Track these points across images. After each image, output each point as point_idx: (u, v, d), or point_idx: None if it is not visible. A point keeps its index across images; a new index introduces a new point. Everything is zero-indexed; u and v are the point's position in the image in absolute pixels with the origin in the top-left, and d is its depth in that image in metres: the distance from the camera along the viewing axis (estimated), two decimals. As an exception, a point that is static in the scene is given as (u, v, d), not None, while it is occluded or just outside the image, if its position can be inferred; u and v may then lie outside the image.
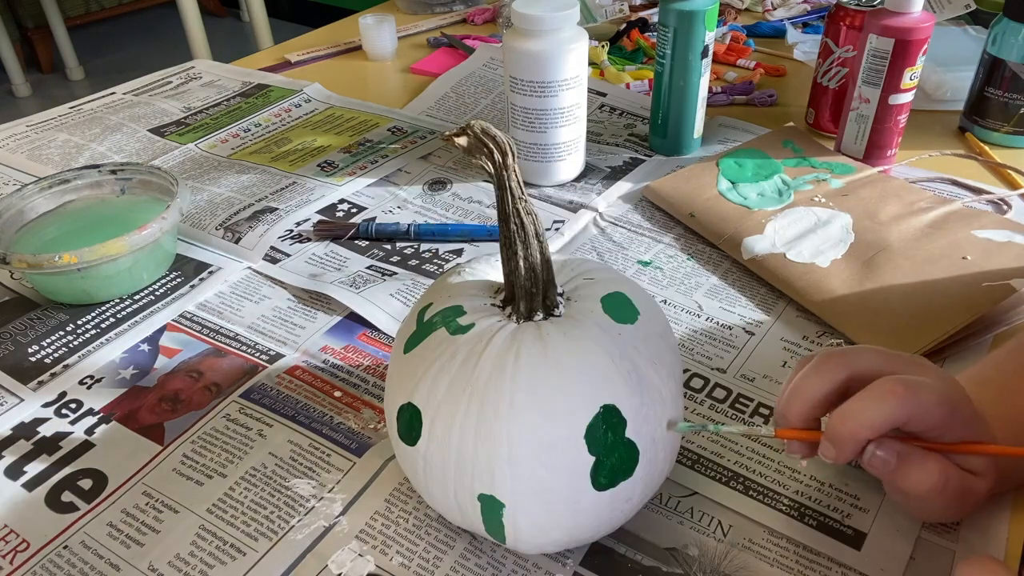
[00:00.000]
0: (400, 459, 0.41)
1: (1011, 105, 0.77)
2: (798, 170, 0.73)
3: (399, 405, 0.39)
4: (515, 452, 0.35)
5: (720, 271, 0.63)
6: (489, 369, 0.36)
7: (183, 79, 1.01)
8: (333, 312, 0.60)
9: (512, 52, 0.68)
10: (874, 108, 0.72)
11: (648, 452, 0.37)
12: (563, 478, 0.36)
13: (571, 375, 0.36)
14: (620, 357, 0.37)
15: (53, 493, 0.46)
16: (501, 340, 0.37)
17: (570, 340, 0.37)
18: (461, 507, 0.38)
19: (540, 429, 0.35)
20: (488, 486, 0.36)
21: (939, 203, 0.67)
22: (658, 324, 0.40)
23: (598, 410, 0.36)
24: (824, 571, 0.41)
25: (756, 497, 0.45)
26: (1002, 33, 0.75)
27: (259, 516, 0.45)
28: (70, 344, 0.58)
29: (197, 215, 0.72)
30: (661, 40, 0.75)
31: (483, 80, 0.96)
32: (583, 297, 0.40)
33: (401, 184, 0.77)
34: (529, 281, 0.38)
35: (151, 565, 0.42)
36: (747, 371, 0.54)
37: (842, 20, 0.76)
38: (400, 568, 0.42)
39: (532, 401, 0.35)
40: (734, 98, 0.91)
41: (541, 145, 0.72)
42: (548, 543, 0.39)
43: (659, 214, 0.71)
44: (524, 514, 0.37)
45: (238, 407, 0.52)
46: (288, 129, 0.87)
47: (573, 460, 0.36)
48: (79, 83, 2.89)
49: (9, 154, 0.83)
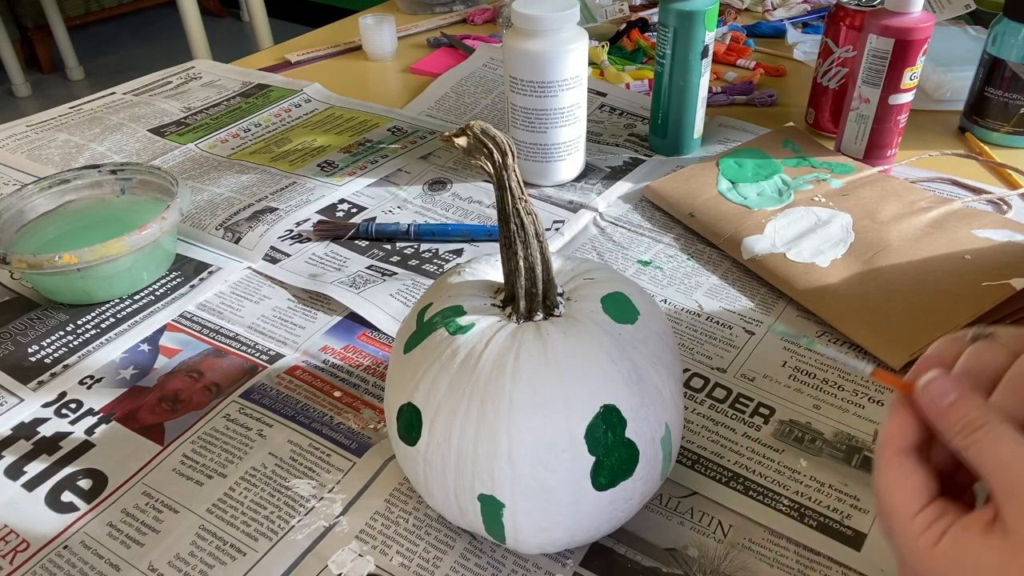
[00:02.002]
0: (400, 459, 0.41)
1: (1011, 105, 0.77)
2: (798, 170, 0.73)
3: (399, 405, 0.39)
4: (515, 452, 0.35)
5: (720, 271, 0.63)
6: (489, 369, 0.36)
7: (183, 79, 1.01)
8: (333, 312, 0.60)
9: (512, 52, 0.68)
10: (874, 108, 0.72)
11: (648, 452, 0.37)
12: (563, 478, 0.36)
13: (571, 375, 0.36)
14: (620, 357, 0.37)
15: (53, 493, 0.46)
16: (501, 340, 0.37)
17: (570, 340, 0.37)
18: (461, 507, 0.38)
19: (540, 429, 0.35)
20: (488, 486, 0.36)
21: (939, 203, 0.67)
22: (658, 324, 0.40)
23: (598, 410, 0.36)
24: (824, 571, 0.41)
25: (756, 497, 0.45)
26: (1002, 33, 0.75)
27: (259, 516, 0.45)
28: (70, 344, 0.58)
29: (197, 215, 0.72)
30: (661, 40, 0.75)
31: (483, 80, 0.96)
32: (583, 297, 0.40)
33: (401, 184, 0.77)
34: (529, 281, 0.38)
35: (151, 565, 0.42)
36: (747, 371, 0.54)
37: (842, 20, 0.76)
38: (400, 568, 0.42)
39: (532, 401, 0.35)
40: (734, 98, 0.91)
41: (541, 145, 0.72)
42: (548, 543, 0.39)
43: (659, 214, 0.71)
44: (524, 514, 0.37)
45: (238, 407, 0.52)
46: (288, 129, 0.87)
47: (573, 460, 0.36)
48: (79, 83, 2.89)
49: (9, 154, 0.83)
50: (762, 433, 0.49)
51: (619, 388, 0.36)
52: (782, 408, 0.51)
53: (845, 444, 0.48)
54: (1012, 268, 0.58)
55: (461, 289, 0.41)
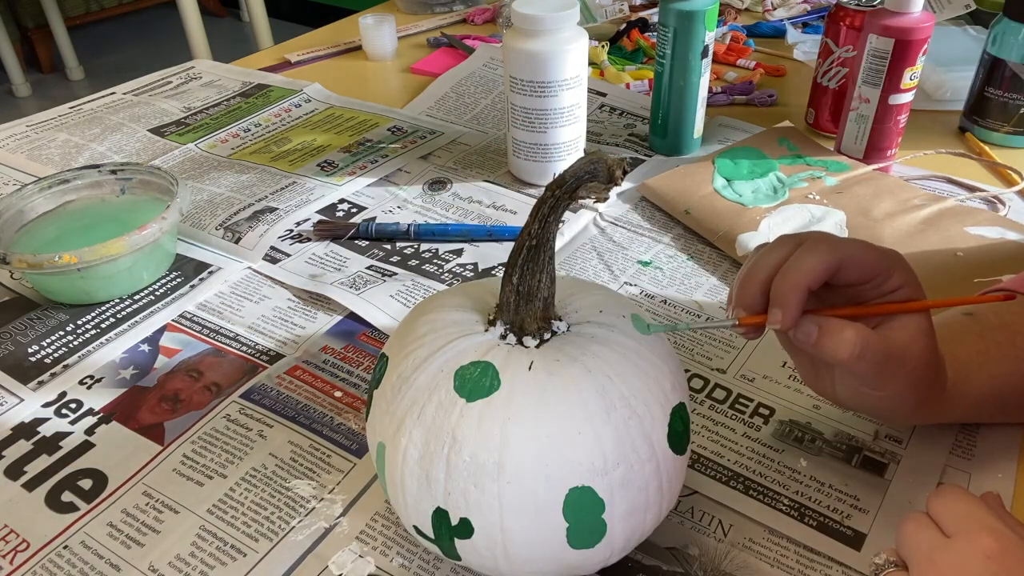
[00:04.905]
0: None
1: (1011, 105, 0.77)
2: (793, 168, 0.73)
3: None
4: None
5: (720, 271, 0.63)
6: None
7: (183, 79, 1.01)
8: (333, 312, 0.60)
9: (512, 52, 0.68)
10: (874, 108, 0.72)
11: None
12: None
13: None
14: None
15: (53, 493, 0.46)
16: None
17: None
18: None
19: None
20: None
21: (933, 200, 0.67)
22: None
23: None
24: (824, 571, 0.41)
25: (756, 497, 0.45)
26: (1002, 33, 0.75)
27: (259, 517, 0.45)
28: (70, 344, 0.58)
29: (197, 215, 0.72)
30: (661, 40, 0.75)
31: (483, 80, 0.96)
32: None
33: (401, 184, 0.77)
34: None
35: (151, 565, 0.42)
36: (747, 371, 0.54)
37: (842, 20, 0.76)
38: (400, 569, 0.42)
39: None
40: (734, 98, 0.91)
41: (541, 145, 0.72)
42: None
43: (659, 214, 0.71)
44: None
45: (238, 407, 0.52)
46: (288, 129, 0.87)
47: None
48: (79, 83, 2.89)
49: (9, 154, 0.83)
50: (762, 433, 0.49)
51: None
52: (782, 408, 0.51)
53: (845, 444, 0.48)
54: (1004, 265, 0.58)
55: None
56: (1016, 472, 0.46)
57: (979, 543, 0.32)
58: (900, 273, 0.39)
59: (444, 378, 0.36)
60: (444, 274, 0.64)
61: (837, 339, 0.38)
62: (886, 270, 0.39)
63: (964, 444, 0.48)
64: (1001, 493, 0.44)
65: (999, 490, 0.44)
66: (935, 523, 0.35)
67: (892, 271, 0.39)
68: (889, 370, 0.39)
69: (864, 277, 0.39)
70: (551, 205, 0.36)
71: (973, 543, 0.33)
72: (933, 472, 0.46)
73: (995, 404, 0.46)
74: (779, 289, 0.38)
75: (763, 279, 0.39)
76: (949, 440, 0.48)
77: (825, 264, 0.38)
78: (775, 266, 0.39)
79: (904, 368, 0.40)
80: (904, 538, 0.35)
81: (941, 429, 0.48)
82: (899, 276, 0.39)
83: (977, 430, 0.48)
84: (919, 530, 0.35)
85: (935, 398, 0.43)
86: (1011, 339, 0.45)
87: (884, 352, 0.39)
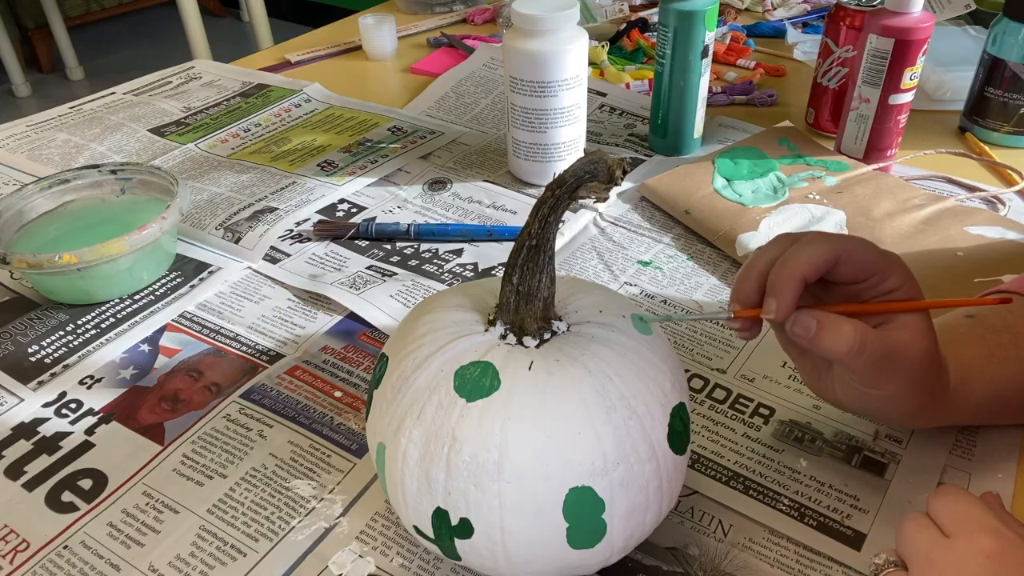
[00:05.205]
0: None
1: (1011, 105, 0.77)
2: (793, 167, 0.73)
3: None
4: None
5: (720, 271, 0.63)
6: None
7: (183, 79, 1.01)
8: (333, 312, 0.60)
9: (512, 52, 0.68)
10: (874, 108, 0.72)
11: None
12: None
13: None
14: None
15: (53, 493, 0.46)
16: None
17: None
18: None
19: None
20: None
21: (933, 200, 0.67)
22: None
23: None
24: (824, 571, 0.41)
25: (756, 497, 0.45)
26: (1002, 33, 0.75)
27: (259, 517, 0.45)
28: (70, 344, 0.58)
29: (197, 215, 0.72)
30: (661, 40, 0.75)
31: (483, 80, 0.96)
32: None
33: (401, 184, 0.77)
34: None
35: (151, 565, 0.42)
36: (747, 371, 0.54)
37: (842, 20, 0.76)
38: (400, 569, 0.42)
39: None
40: (734, 98, 0.91)
41: (541, 145, 0.72)
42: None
43: (659, 214, 0.71)
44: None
45: (238, 407, 0.52)
46: (288, 129, 0.87)
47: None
48: (79, 83, 2.89)
49: (9, 154, 0.83)
50: (762, 433, 0.49)
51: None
52: (782, 408, 0.51)
53: (845, 444, 0.48)
54: (1004, 265, 0.58)
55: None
56: (1016, 472, 0.46)
57: (979, 543, 0.33)
58: (898, 274, 0.39)
59: (444, 378, 0.36)
60: (444, 274, 0.64)
61: (836, 334, 0.38)
62: (884, 269, 0.39)
63: (964, 444, 0.48)
64: (1001, 493, 0.44)
65: (999, 490, 0.44)
66: (935, 523, 0.35)
67: (890, 271, 0.39)
68: (889, 369, 0.39)
69: (862, 274, 0.39)
70: (551, 205, 0.36)
71: (973, 543, 0.33)
72: (933, 472, 0.46)
73: (998, 407, 0.46)
74: (775, 279, 0.39)
75: (760, 273, 0.40)
76: (949, 440, 0.48)
77: (823, 256, 0.38)
78: (772, 260, 0.39)
79: (904, 367, 0.40)
80: (904, 538, 0.35)
81: (941, 429, 0.48)
82: (897, 276, 0.39)
83: (977, 430, 0.48)
84: (919, 530, 0.35)
85: (937, 401, 0.43)
86: (1014, 341, 0.45)
87: (883, 349, 0.39)
